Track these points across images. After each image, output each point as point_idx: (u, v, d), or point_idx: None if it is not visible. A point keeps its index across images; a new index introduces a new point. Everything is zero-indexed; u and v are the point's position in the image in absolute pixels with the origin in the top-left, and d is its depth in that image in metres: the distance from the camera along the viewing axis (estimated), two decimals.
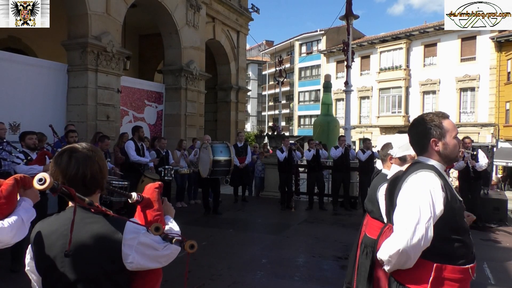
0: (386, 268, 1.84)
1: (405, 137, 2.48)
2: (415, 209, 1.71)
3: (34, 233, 1.46)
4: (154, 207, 1.55)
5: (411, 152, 2.61)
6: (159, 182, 1.65)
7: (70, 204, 1.45)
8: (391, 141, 3.05)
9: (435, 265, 1.74)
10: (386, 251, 1.78)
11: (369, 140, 9.59)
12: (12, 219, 1.62)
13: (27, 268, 1.50)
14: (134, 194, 1.52)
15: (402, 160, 2.82)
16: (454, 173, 8.91)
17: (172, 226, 1.56)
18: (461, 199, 1.88)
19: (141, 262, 1.39)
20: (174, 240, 1.39)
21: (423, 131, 1.91)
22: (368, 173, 9.12)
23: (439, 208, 1.72)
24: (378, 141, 4.34)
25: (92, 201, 1.38)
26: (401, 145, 2.81)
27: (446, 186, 1.79)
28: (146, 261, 1.40)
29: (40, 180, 1.20)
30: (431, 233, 1.69)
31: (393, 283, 1.89)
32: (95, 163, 1.45)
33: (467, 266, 1.79)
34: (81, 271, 1.37)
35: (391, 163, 2.99)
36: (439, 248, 1.73)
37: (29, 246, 1.47)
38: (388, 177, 2.80)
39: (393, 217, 1.83)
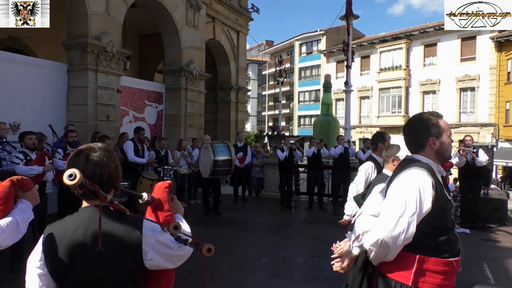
0: (371, 257, 1.87)
1: None
2: (401, 203, 1.75)
3: (46, 238, 1.41)
4: (164, 207, 1.55)
5: None
6: (169, 181, 1.65)
7: (84, 204, 1.46)
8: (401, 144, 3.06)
9: (417, 256, 1.77)
10: (367, 240, 1.81)
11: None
12: (5, 221, 1.60)
13: (33, 276, 1.40)
14: (144, 195, 1.52)
15: None
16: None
17: (183, 226, 1.56)
18: (450, 197, 1.93)
19: (158, 260, 1.41)
20: (189, 242, 1.41)
21: (421, 130, 1.96)
22: None
23: (427, 206, 1.76)
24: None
25: (112, 199, 1.39)
26: None
27: (437, 185, 1.82)
28: (162, 260, 1.42)
29: (71, 175, 1.20)
30: (413, 228, 1.72)
31: (379, 275, 1.92)
32: (111, 163, 1.46)
33: (451, 259, 1.81)
34: (103, 269, 1.37)
35: (393, 165, 3.00)
36: (423, 242, 1.76)
37: (37, 254, 1.41)
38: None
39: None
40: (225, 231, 6.92)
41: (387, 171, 3.08)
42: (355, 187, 3.98)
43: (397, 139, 27.39)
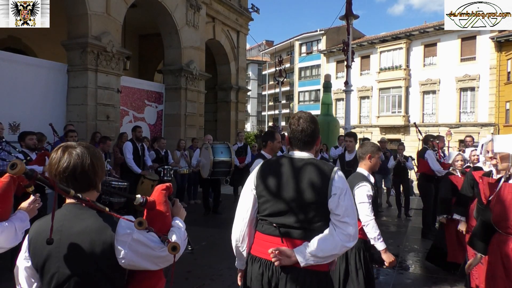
0: (322, 262, 1.92)
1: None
2: (354, 207, 2.02)
3: (31, 231, 1.48)
4: (159, 209, 1.54)
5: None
6: (168, 184, 1.64)
7: (68, 201, 1.48)
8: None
9: None
10: (344, 245, 1.90)
11: (369, 139, 9.58)
12: (3, 223, 1.63)
13: (20, 268, 1.50)
14: (138, 197, 1.52)
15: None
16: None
17: (176, 229, 1.55)
18: None
19: (133, 259, 1.39)
20: (166, 241, 1.40)
21: (318, 130, 2.11)
22: None
23: None
24: (484, 140, 4.38)
25: (79, 195, 1.39)
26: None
27: None
28: (140, 259, 1.39)
29: (13, 165, 1.23)
30: None
31: (307, 273, 1.92)
32: (87, 159, 1.46)
33: None
34: (76, 266, 1.38)
35: (369, 162, 3.13)
36: None
37: (25, 246, 1.48)
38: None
39: (341, 214, 1.91)
40: (225, 231, 6.88)
41: (362, 169, 3.15)
42: None
43: (397, 138, 26.99)
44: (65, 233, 1.39)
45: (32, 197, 1.89)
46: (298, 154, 2.06)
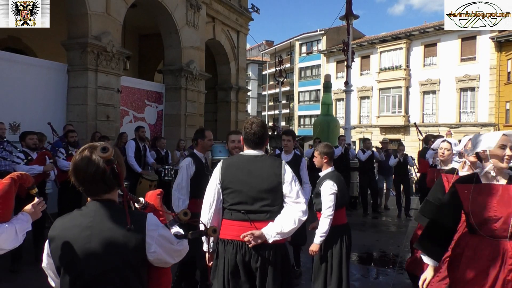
0: (286, 236, 2.36)
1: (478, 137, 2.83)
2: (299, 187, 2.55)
3: (54, 230, 1.48)
4: (159, 212, 1.63)
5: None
6: (160, 190, 1.75)
7: (89, 199, 1.51)
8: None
9: None
10: (301, 219, 2.35)
11: (369, 140, 9.59)
12: (4, 224, 1.63)
13: (44, 264, 1.53)
14: (142, 199, 1.60)
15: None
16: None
17: (174, 230, 1.64)
18: None
19: (161, 253, 1.46)
20: (190, 233, 1.53)
21: (267, 133, 2.56)
22: (367, 172, 9.13)
23: None
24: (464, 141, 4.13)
25: (123, 189, 1.46)
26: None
27: None
28: (164, 254, 1.47)
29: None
30: None
31: (277, 247, 2.38)
32: (114, 161, 1.48)
33: None
34: (107, 261, 1.40)
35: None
36: None
37: (46, 246, 1.49)
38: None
39: (294, 196, 2.40)
40: None
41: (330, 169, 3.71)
42: (177, 185, 3.81)
43: (397, 138, 26.99)
44: (96, 229, 1.41)
45: (36, 199, 1.86)
46: (252, 152, 2.48)
